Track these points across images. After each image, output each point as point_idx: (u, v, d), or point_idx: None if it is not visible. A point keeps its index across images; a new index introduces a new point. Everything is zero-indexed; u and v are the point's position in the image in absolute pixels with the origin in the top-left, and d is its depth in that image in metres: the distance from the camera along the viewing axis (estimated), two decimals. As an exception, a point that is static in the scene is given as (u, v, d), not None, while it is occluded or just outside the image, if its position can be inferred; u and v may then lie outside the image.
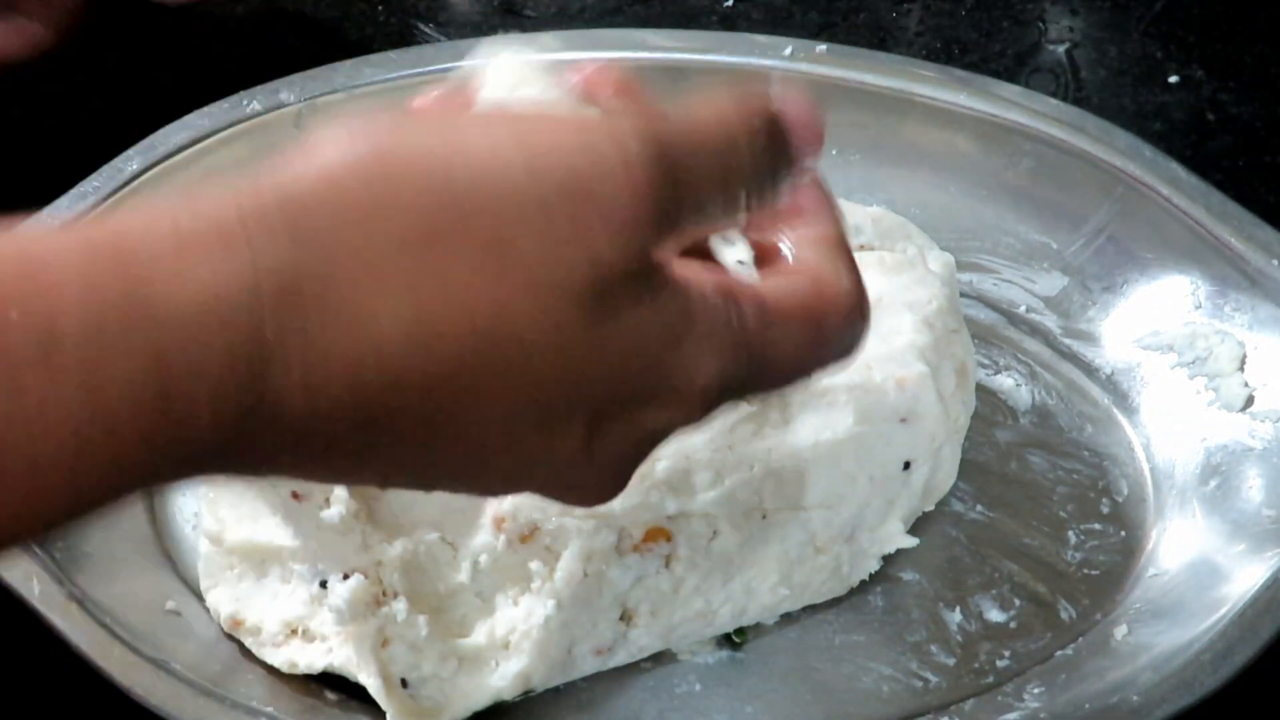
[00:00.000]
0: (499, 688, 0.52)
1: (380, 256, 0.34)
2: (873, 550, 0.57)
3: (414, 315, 0.35)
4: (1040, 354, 0.66)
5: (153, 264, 0.33)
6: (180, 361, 0.32)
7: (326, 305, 0.34)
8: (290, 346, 0.34)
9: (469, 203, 0.35)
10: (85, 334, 0.31)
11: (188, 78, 0.80)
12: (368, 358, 0.35)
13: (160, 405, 0.32)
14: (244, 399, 0.34)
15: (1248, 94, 0.81)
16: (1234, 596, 0.54)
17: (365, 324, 0.34)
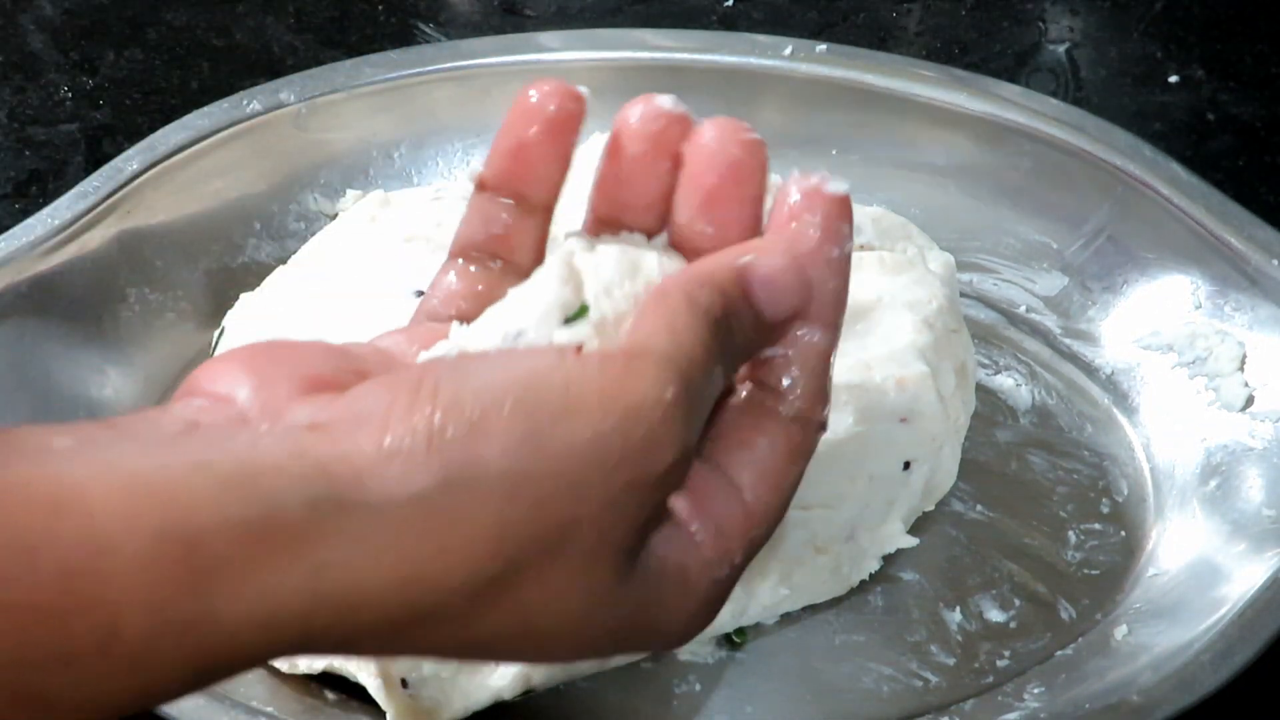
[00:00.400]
0: (499, 687, 0.52)
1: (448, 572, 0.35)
2: (873, 550, 0.57)
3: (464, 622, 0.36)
4: (1040, 354, 0.66)
5: (218, 576, 0.33)
6: (228, 658, 0.34)
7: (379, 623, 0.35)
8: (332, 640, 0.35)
9: (542, 500, 0.36)
10: (143, 639, 0.32)
11: (188, 78, 0.80)
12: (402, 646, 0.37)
13: (206, 678, 0.34)
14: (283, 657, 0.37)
15: (1248, 94, 0.81)
16: (1234, 596, 0.54)
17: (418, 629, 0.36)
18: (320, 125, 0.69)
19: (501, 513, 0.35)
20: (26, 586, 0.31)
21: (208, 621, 0.33)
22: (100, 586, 0.32)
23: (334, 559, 0.34)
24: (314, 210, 0.69)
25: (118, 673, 0.33)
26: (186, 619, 0.33)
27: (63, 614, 0.32)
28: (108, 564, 0.32)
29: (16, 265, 0.60)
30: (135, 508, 0.33)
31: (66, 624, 0.32)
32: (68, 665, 0.32)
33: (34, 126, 0.77)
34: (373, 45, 0.81)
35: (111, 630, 0.32)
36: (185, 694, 0.35)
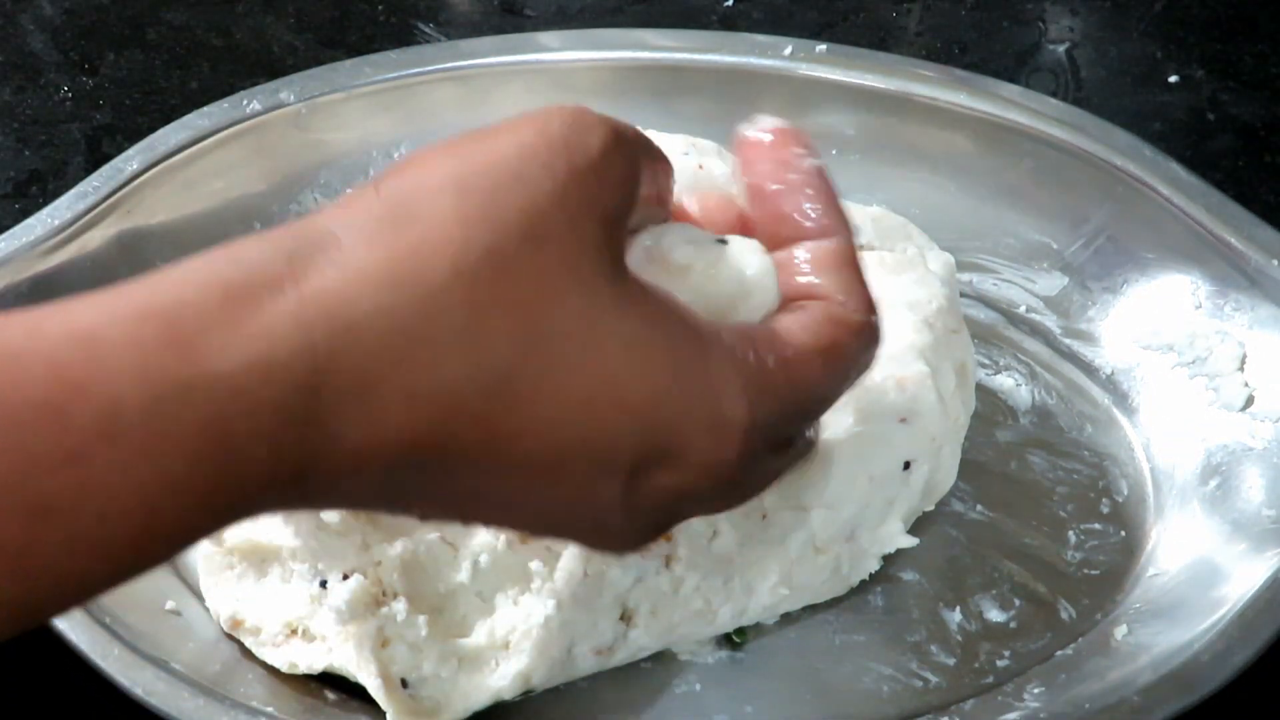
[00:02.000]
0: (499, 688, 0.52)
1: (426, 271, 0.35)
2: (873, 550, 0.57)
3: (465, 325, 0.35)
4: (1040, 354, 0.66)
5: (206, 329, 0.33)
6: (238, 423, 0.33)
7: (379, 336, 0.35)
8: (346, 388, 0.34)
9: (494, 192, 0.37)
10: (146, 410, 0.32)
11: (188, 78, 0.80)
12: (422, 377, 0.35)
13: (220, 465, 0.33)
14: (302, 449, 0.34)
15: (1248, 94, 0.81)
16: (1234, 596, 0.54)
17: (419, 345, 0.35)
18: (320, 125, 0.69)
19: (457, 207, 0.36)
20: (18, 386, 0.31)
21: (206, 380, 0.33)
22: (91, 371, 0.32)
23: (312, 288, 0.34)
24: (314, 210, 0.69)
25: (129, 462, 0.32)
26: (184, 382, 0.33)
27: (59, 407, 0.32)
28: (93, 351, 0.32)
29: (16, 265, 0.60)
30: (115, 304, 0.33)
31: (65, 415, 0.32)
32: (75, 461, 0.32)
33: (34, 126, 0.77)
34: (373, 45, 0.81)
35: (112, 412, 0.32)
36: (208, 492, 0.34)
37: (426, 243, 0.36)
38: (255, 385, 0.33)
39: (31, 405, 0.31)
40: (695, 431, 0.39)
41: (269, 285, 0.34)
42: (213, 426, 0.33)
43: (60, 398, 0.32)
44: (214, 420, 0.33)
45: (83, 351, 0.32)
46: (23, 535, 0.32)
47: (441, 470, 0.37)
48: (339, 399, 0.34)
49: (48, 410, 0.31)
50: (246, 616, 0.54)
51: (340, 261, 0.35)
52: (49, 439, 0.31)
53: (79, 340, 0.32)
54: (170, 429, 0.32)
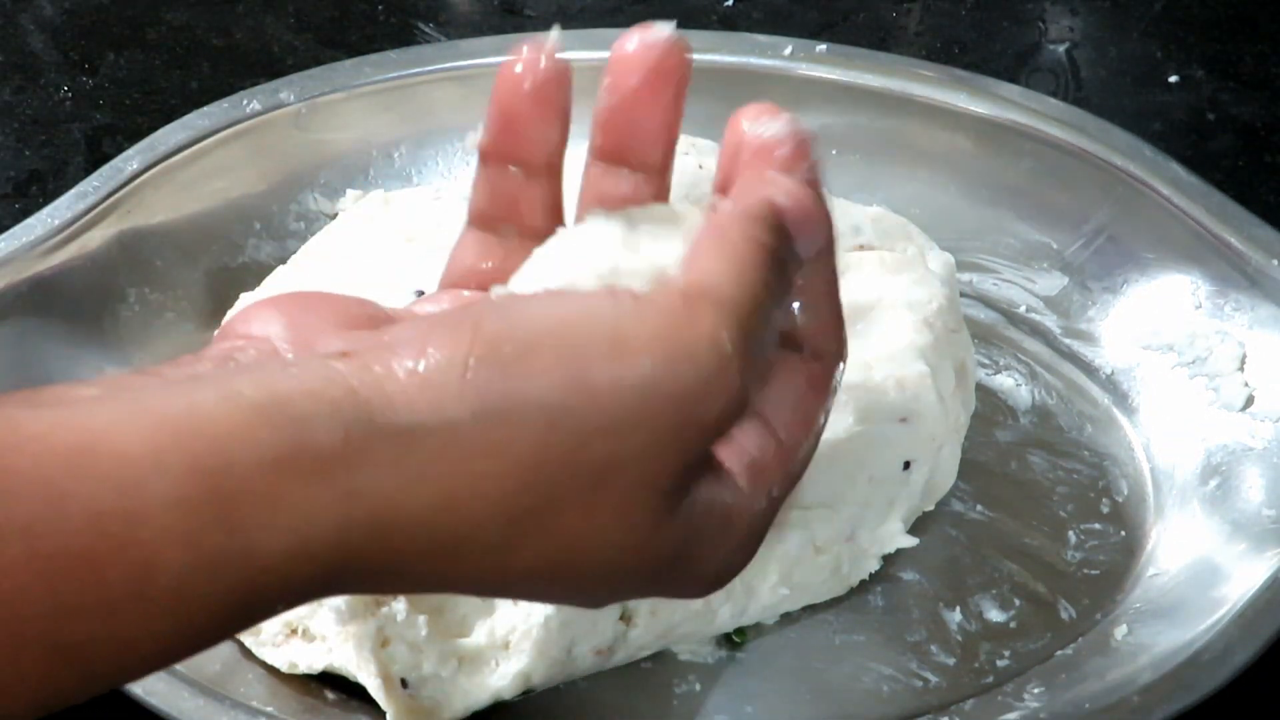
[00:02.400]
0: (499, 687, 0.52)
1: (483, 500, 0.35)
2: (873, 550, 0.57)
3: (500, 549, 0.35)
4: (1040, 354, 0.66)
5: (249, 508, 0.33)
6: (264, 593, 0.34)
7: (418, 555, 0.35)
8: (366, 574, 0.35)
9: (582, 437, 0.35)
10: (179, 577, 0.32)
11: (188, 78, 0.80)
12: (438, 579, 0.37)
13: (240, 624, 0.35)
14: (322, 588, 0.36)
15: (1248, 94, 0.81)
16: (1234, 596, 0.54)
17: (452, 563, 0.35)
18: (320, 125, 0.69)
19: (538, 446, 0.35)
20: (58, 534, 0.31)
21: (242, 555, 0.33)
22: (133, 528, 0.32)
23: (366, 485, 0.33)
24: (314, 210, 0.69)
25: (155, 617, 0.32)
26: (221, 553, 0.32)
27: (97, 559, 0.31)
28: (138, 504, 0.32)
29: (16, 265, 0.60)
30: (163, 444, 0.32)
31: (101, 569, 0.31)
32: (105, 612, 0.32)
33: (34, 126, 0.77)
34: (373, 45, 0.81)
35: (147, 572, 0.32)
36: (224, 636, 0.34)
37: (490, 476, 0.35)
38: (286, 568, 0.33)
39: (69, 554, 0.31)
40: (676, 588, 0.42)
41: (321, 467, 0.33)
42: (239, 595, 0.33)
43: (98, 552, 0.31)
44: (241, 591, 0.33)
45: (125, 504, 0.32)
46: (44, 670, 0.32)
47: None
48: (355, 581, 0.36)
49: (84, 563, 0.31)
50: (246, 616, 0.54)
51: (397, 465, 0.34)
52: (81, 590, 0.31)
53: (124, 491, 0.32)
54: (200, 596, 0.33)
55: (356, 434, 0.34)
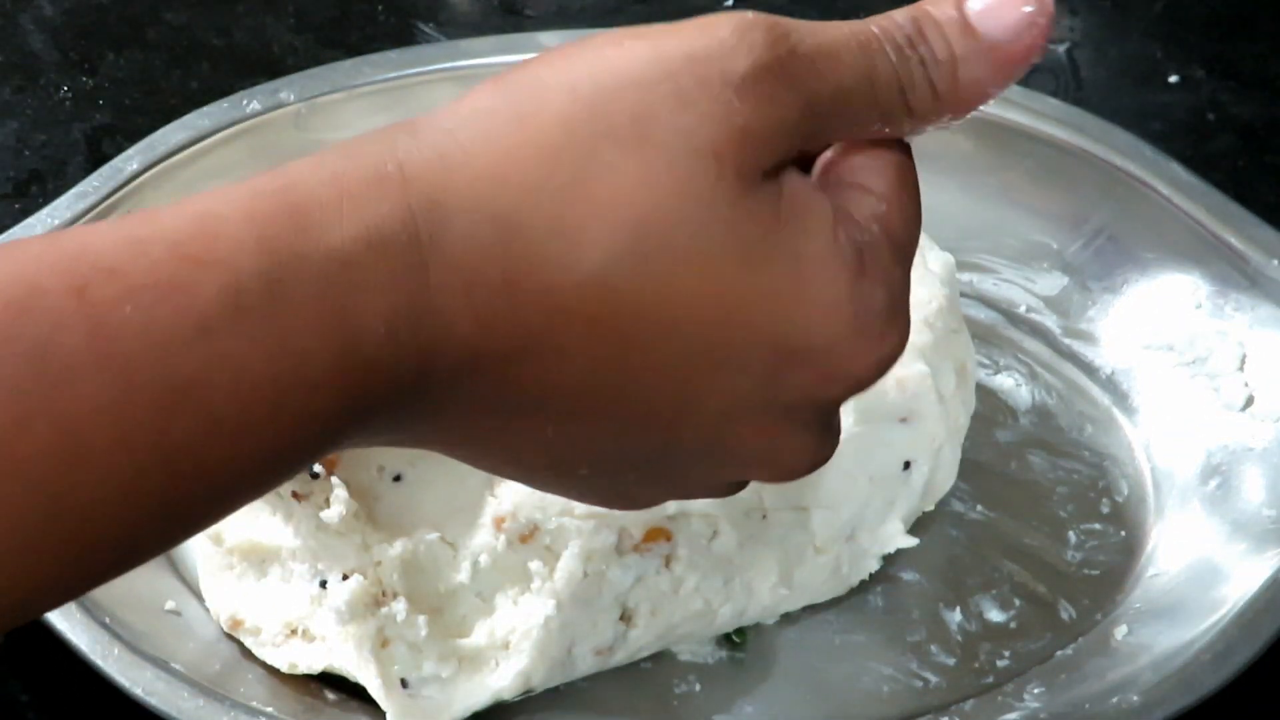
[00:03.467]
0: (499, 688, 0.52)
1: (527, 163, 0.35)
2: (873, 550, 0.57)
3: (559, 214, 0.35)
4: (1040, 354, 0.66)
5: (318, 207, 0.34)
6: (354, 297, 0.34)
7: (478, 216, 0.35)
8: (447, 259, 0.35)
9: (605, 95, 0.36)
10: (266, 280, 0.33)
11: (188, 78, 0.80)
12: (519, 260, 0.35)
13: (342, 342, 0.34)
14: (415, 317, 0.35)
15: (1248, 94, 0.81)
16: (1234, 596, 0.54)
17: (515, 236, 0.35)
18: (320, 125, 0.69)
19: (560, 105, 0.36)
20: (140, 270, 0.32)
21: (320, 251, 0.34)
22: (211, 245, 0.33)
23: (415, 173, 0.35)
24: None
25: (254, 334, 0.33)
26: (299, 252, 0.33)
27: (183, 282, 0.32)
28: (212, 227, 0.33)
29: (16, 265, 0.60)
30: (228, 187, 0.34)
31: (189, 290, 0.32)
32: (202, 336, 0.32)
33: (34, 126, 0.77)
34: (373, 45, 0.81)
35: (234, 284, 0.33)
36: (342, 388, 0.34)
37: (528, 142, 0.35)
38: (365, 259, 0.34)
39: (155, 284, 0.32)
40: (829, 343, 0.37)
41: (376, 169, 0.35)
42: (330, 298, 0.34)
43: (183, 273, 0.32)
44: (330, 291, 0.34)
45: (201, 226, 0.33)
46: (160, 417, 0.32)
47: (560, 371, 0.36)
48: (445, 285, 0.35)
49: (172, 286, 0.32)
50: (246, 616, 0.54)
51: (444, 151, 0.35)
52: (175, 315, 0.32)
53: (197, 218, 0.33)
54: (290, 299, 0.33)
55: (403, 140, 0.36)
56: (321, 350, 0.34)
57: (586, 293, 0.35)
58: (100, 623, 0.51)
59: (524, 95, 0.36)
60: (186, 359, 0.32)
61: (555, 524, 0.52)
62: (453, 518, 0.53)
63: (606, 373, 0.36)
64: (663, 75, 0.36)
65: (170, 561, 0.57)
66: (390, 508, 0.53)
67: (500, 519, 0.52)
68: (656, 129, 0.35)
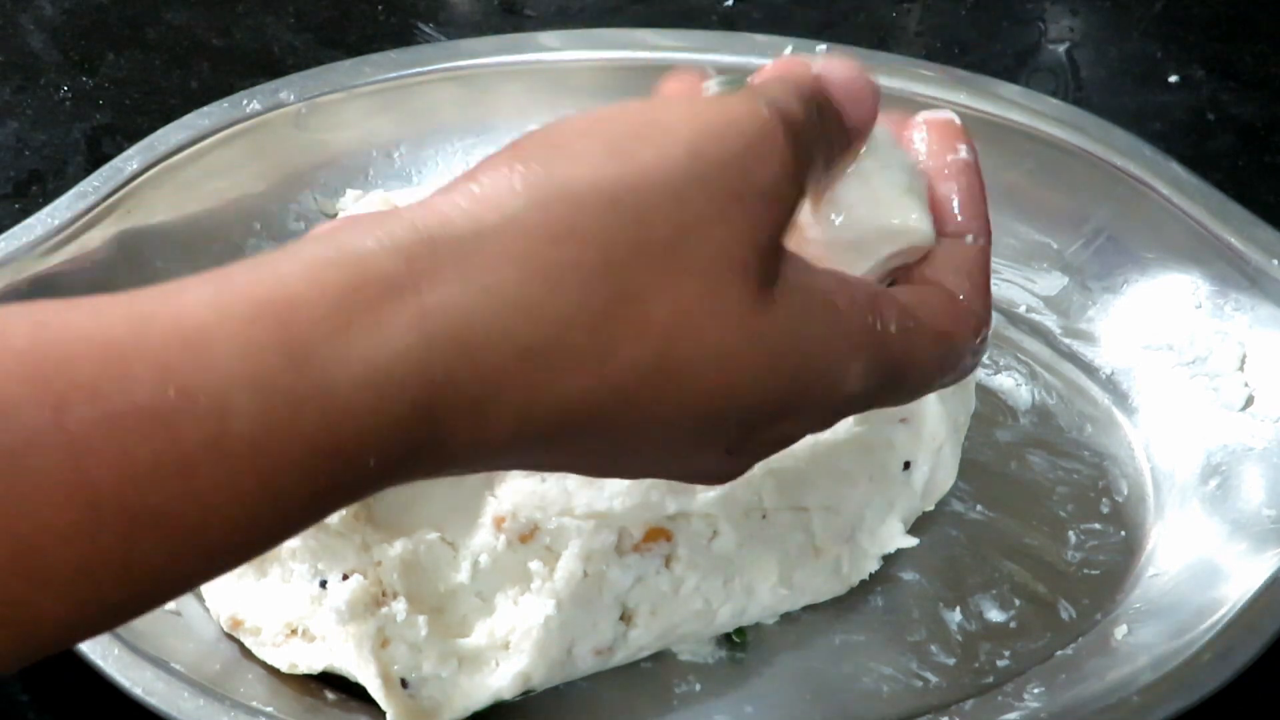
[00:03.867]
0: (499, 688, 0.52)
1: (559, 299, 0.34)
2: (873, 550, 0.57)
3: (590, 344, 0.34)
4: (1040, 354, 0.66)
5: (321, 340, 0.32)
6: (349, 440, 0.32)
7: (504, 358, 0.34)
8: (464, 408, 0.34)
9: (643, 210, 0.35)
10: (255, 422, 0.31)
11: (188, 78, 0.80)
12: (540, 387, 0.34)
13: (328, 477, 0.33)
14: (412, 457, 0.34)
15: (1248, 94, 0.81)
16: (1234, 596, 0.54)
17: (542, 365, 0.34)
18: (320, 125, 0.69)
19: (601, 223, 0.34)
20: (125, 392, 0.30)
21: (318, 393, 0.32)
22: (201, 377, 0.31)
23: (436, 300, 0.33)
24: (314, 210, 0.69)
25: (235, 472, 0.31)
26: (295, 394, 0.31)
27: (167, 413, 0.30)
28: (204, 355, 0.31)
29: (16, 265, 0.60)
30: (225, 298, 0.32)
31: (173, 425, 0.30)
32: (181, 471, 0.30)
33: (34, 126, 0.77)
34: (373, 45, 0.81)
35: (220, 421, 0.31)
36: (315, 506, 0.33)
37: (561, 265, 0.34)
38: (369, 403, 0.32)
39: (138, 413, 0.30)
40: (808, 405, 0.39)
41: (387, 292, 0.32)
42: (322, 441, 0.32)
43: (168, 406, 0.30)
44: (324, 435, 0.32)
45: (192, 354, 0.31)
46: (125, 545, 0.30)
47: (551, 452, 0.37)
48: (453, 416, 0.33)
49: (155, 419, 0.30)
50: (246, 616, 0.54)
51: (465, 273, 0.33)
52: (155, 449, 0.30)
53: (188, 341, 0.31)
54: (280, 443, 0.31)
55: (419, 255, 0.33)
56: (304, 486, 0.32)
57: (606, 411, 0.35)
58: (100, 623, 0.51)
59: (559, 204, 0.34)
60: (157, 494, 0.30)
61: (555, 524, 0.52)
62: (453, 518, 0.53)
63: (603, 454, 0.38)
64: (699, 187, 0.36)
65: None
66: (390, 508, 0.53)
67: (500, 519, 0.52)
68: (691, 249, 0.35)
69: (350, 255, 0.33)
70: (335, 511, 0.35)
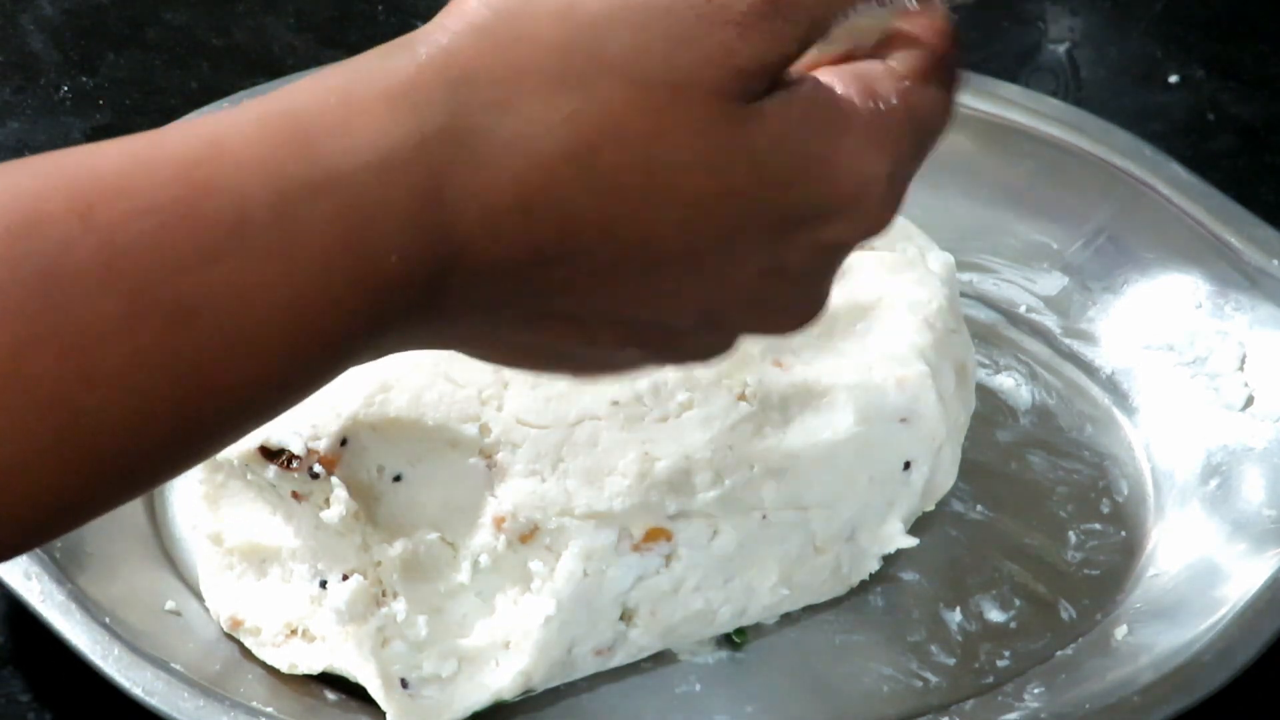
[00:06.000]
0: (499, 688, 0.52)
1: (531, 88, 0.35)
2: (873, 550, 0.57)
3: (570, 137, 0.35)
4: (1040, 354, 0.66)
5: (327, 133, 0.34)
6: (365, 219, 0.34)
7: (491, 140, 0.35)
8: (462, 182, 0.35)
9: (601, 21, 0.36)
10: (273, 207, 0.33)
11: (188, 78, 0.80)
12: (534, 179, 0.35)
13: (352, 265, 0.34)
14: (428, 243, 0.35)
15: (1248, 94, 0.81)
16: (1234, 596, 0.54)
17: (528, 151, 0.35)
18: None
19: (552, 32, 0.35)
20: (148, 188, 0.32)
21: (328, 181, 0.33)
22: (218, 170, 0.33)
23: (425, 98, 0.35)
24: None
25: (260, 259, 0.33)
26: (308, 181, 0.33)
27: (189, 206, 0.32)
28: (220, 151, 0.33)
29: (16, 265, 0.60)
30: (236, 110, 0.34)
31: (196, 214, 0.32)
32: (208, 260, 0.32)
33: (34, 126, 0.77)
34: (372, 45, 0.80)
35: (241, 209, 0.32)
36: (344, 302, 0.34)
37: (521, 69, 0.35)
38: (377, 189, 0.34)
39: (161, 207, 0.32)
40: (833, 201, 0.39)
41: (385, 90, 0.35)
42: (339, 225, 0.33)
43: (189, 196, 0.32)
44: (340, 219, 0.34)
45: (209, 151, 0.33)
46: (170, 336, 0.32)
47: (576, 269, 0.37)
48: (460, 211, 0.35)
49: (178, 210, 0.32)
50: (246, 616, 0.54)
51: (449, 75, 0.35)
52: (180, 239, 0.32)
53: (204, 142, 0.33)
54: (298, 230, 0.33)
55: (405, 62, 0.35)
56: (330, 277, 0.34)
57: (605, 212, 0.36)
58: (100, 623, 0.51)
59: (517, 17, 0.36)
60: (194, 282, 0.32)
61: (555, 524, 0.52)
62: (453, 518, 0.53)
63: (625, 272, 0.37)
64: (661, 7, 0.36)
65: (170, 561, 0.57)
66: (390, 508, 0.53)
67: (500, 519, 0.52)
68: (654, 67, 0.36)
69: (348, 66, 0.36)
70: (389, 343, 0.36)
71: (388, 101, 0.35)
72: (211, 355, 0.33)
